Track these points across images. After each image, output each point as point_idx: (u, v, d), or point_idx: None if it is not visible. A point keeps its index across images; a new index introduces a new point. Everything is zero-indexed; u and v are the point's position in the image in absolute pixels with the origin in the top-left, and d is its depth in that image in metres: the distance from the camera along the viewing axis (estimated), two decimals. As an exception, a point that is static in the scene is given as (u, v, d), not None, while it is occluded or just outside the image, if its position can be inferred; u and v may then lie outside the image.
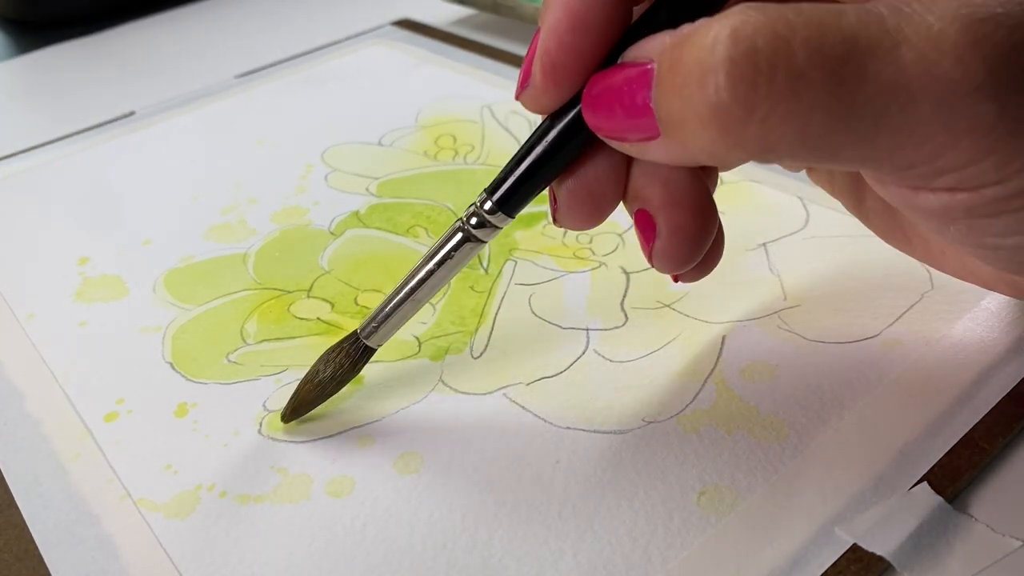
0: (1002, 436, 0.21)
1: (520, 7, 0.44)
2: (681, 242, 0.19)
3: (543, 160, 0.19)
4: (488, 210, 0.20)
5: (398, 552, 0.20)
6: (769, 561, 0.19)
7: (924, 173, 0.16)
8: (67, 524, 0.21)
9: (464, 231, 0.21)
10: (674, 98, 0.16)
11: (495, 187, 0.20)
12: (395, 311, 0.22)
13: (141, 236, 0.32)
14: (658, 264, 0.20)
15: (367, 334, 0.22)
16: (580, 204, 0.20)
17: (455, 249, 0.21)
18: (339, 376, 0.23)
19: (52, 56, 0.52)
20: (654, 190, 0.19)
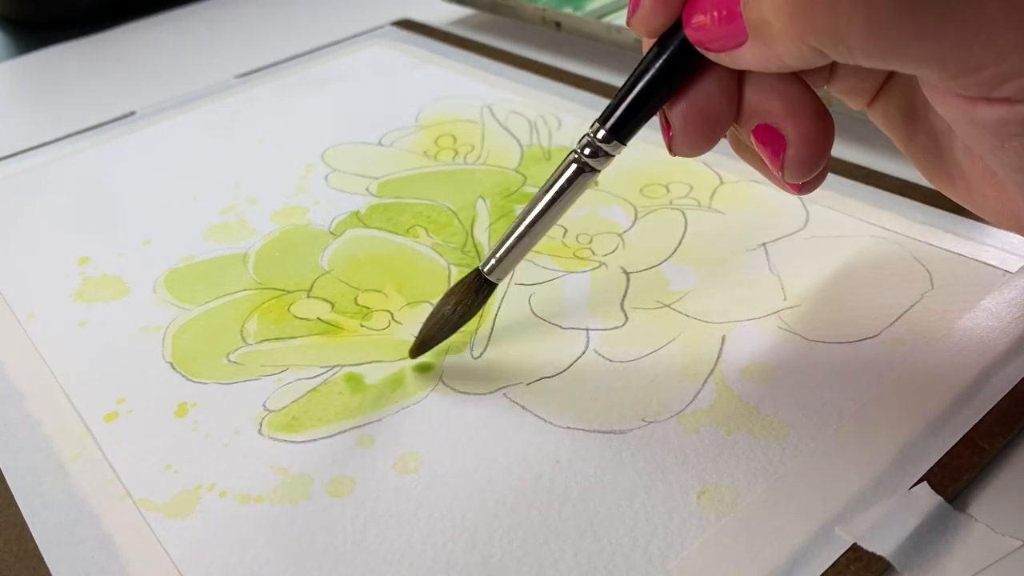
0: (1002, 436, 0.21)
1: (520, 7, 0.44)
2: (812, 146, 0.20)
3: (654, 83, 0.20)
4: (602, 138, 0.21)
5: (398, 552, 0.20)
6: (769, 561, 0.19)
7: (987, 78, 0.17)
8: (67, 524, 0.21)
9: (579, 161, 0.21)
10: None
11: (608, 115, 0.21)
12: (516, 244, 0.23)
13: (141, 236, 0.32)
14: (791, 172, 0.20)
15: (489, 269, 0.23)
16: (695, 127, 0.20)
17: (571, 181, 0.22)
18: (463, 311, 0.24)
19: (52, 56, 0.52)
20: (773, 103, 0.20)
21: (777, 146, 0.20)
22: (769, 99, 0.20)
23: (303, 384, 0.25)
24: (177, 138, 0.39)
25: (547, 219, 0.22)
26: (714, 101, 0.20)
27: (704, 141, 0.21)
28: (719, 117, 0.20)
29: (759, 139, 0.20)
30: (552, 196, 0.22)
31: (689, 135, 0.20)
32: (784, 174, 0.20)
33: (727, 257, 0.28)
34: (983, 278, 0.26)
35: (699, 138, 0.20)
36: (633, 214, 0.31)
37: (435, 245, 0.30)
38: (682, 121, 0.20)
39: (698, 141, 0.21)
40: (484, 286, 0.24)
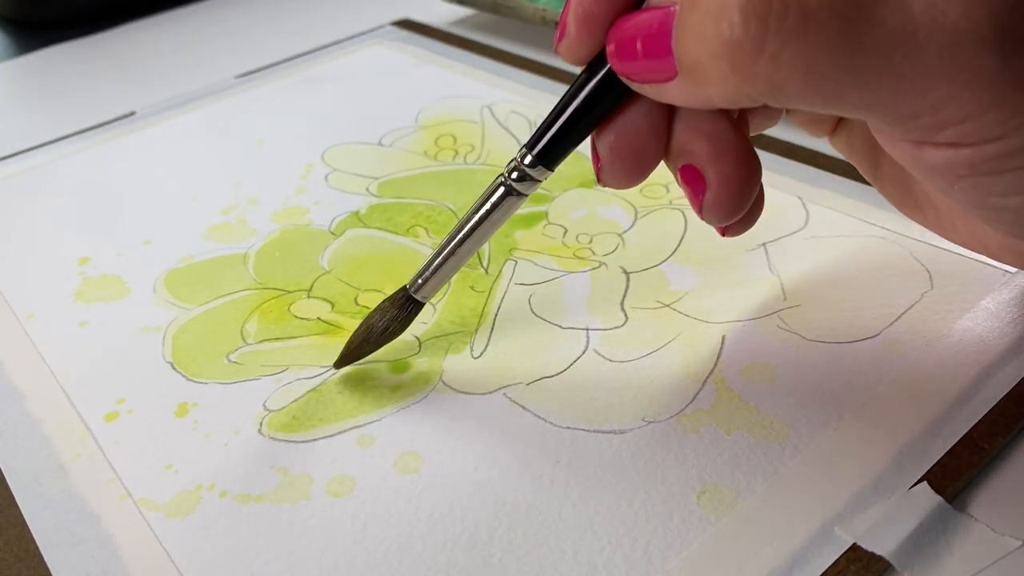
0: (1002, 436, 0.21)
1: (520, 7, 0.44)
2: (732, 192, 0.20)
3: (580, 112, 0.20)
4: (528, 164, 0.21)
5: (398, 552, 0.20)
6: (769, 561, 0.19)
7: (927, 125, 0.17)
8: (67, 524, 0.21)
9: (506, 185, 0.22)
10: (691, 37, 0.17)
11: (535, 141, 0.21)
12: (442, 265, 0.23)
13: (141, 236, 0.32)
14: (709, 216, 0.20)
15: (415, 288, 0.23)
16: (622, 160, 0.20)
17: (498, 203, 0.22)
18: (390, 329, 0.24)
19: (52, 56, 0.52)
20: (699, 144, 0.20)
21: (698, 188, 0.20)
22: (695, 141, 0.20)
23: (303, 384, 0.25)
24: (177, 138, 0.39)
25: (473, 240, 0.22)
26: (642, 136, 0.20)
27: (631, 174, 0.20)
28: (647, 152, 0.20)
29: (683, 178, 0.20)
30: (479, 218, 0.22)
31: (616, 167, 0.20)
32: (703, 216, 0.20)
33: (727, 257, 0.28)
34: (983, 278, 0.26)
35: (626, 171, 0.20)
36: (633, 214, 0.31)
37: (435, 245, 0.30)
38: (609, 153, 0.20)
39: (625, 174, 0.20)
40: (411, 304, 0.24)
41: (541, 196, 0.32)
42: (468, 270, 0.29)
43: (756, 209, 0.21)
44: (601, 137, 0.20)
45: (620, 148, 0.20)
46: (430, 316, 0.27)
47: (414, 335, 0.26)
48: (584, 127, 0.20)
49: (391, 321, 0.24)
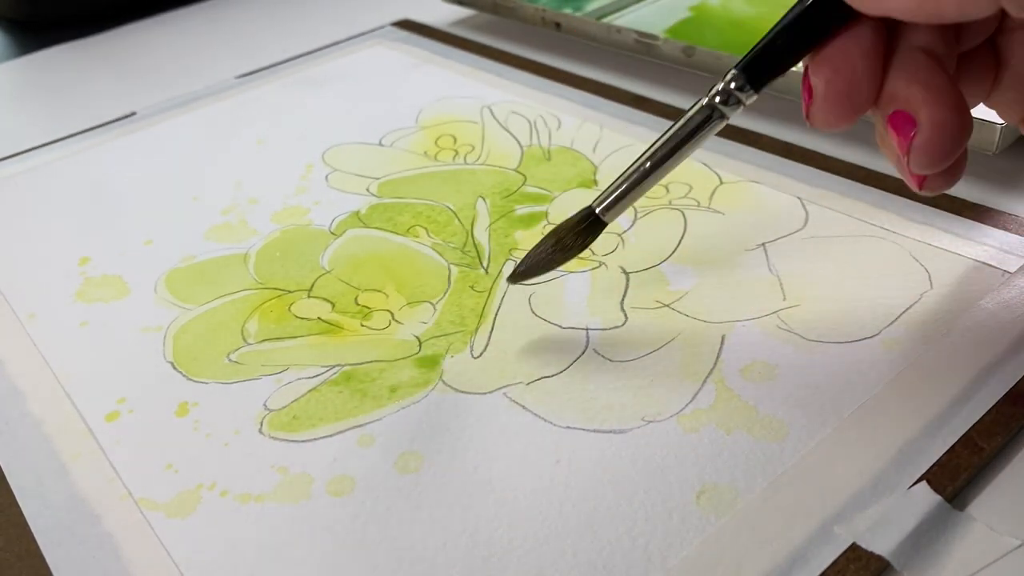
0: (1001, 436, 0.21)
1: (520, 7, 0.44)
2: (942, 136, 0.20)
3: (794, 34, 0.20)
4: (737, 86, 0.21)
5: (398, 551, 0.20)
6: (768, 560, 0.19)
7: None
8: (68, 523, 0.21)
9: (710, 106, 0.21)
10: None
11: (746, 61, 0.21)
12: (635, 187, 0.22)
13: (142, 236, 0.32)
14: (916, 158, 0.20)
15: (605, 208, 0.23)
16: (836, 96, 0.20)
17: (700, 125, 0.21)
18: (572, 245, 0.24)
19: (53, 57, 0.52)
20: (914, 89, 0.20)
21: (907, 130, 0.20)
22: (911, 86, 0.20)
23: (304, 383, 0.25)
24: (178, 138, 0.39)
25: (671, 162, 0.22)
26: (859, 76, 0.20)
27: (841, 114, 0.20)
28: (861, 92, 0.20)
29: (892, 124, 0.20)
30: (678, 141, 0.22)
31: (829, 104, 0.20)
32: (910, 161, 0.20)
33: (727, 257, 0.28)
34: (982, 278, 0.26)
35: (837, 110, 0.20)
36: (633, 214, 0.31)
37: (435, 245, 0.30)
38: (825, 88, 0.20)
39: (835, 113, 0.20)
40: (595, 224, 0.23)
41: (541, 196, 0.32)
42: (468, 270, 0.29)
43: (960, 166, 0.21)
44: (818, 71, 0.20)
45: (836, 83, 0.20)
46: (430, 316, 0.27)
47: (414, 335, 0.26)
48: (800, 48, 0.20)
49: (574, 236, 0.24)
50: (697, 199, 0.31)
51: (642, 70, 0.41)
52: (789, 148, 0.33)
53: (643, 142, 0.35)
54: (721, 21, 0.40)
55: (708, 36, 0.38)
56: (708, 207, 0.31)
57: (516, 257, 0.29)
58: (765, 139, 0.34)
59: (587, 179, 0.33)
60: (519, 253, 0.29)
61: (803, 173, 0.32)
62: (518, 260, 0.29)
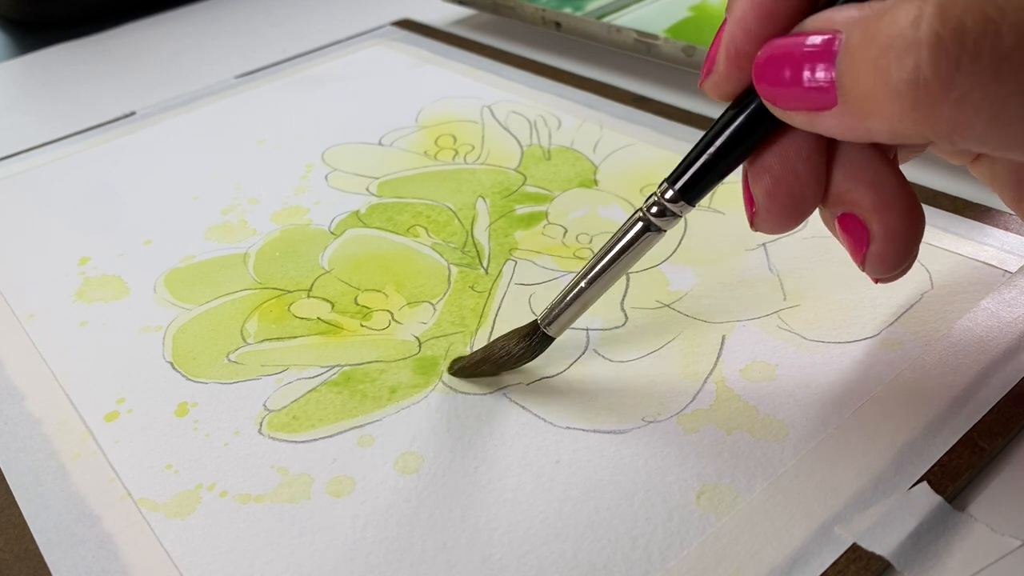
0: (1001, 436, 0.21)
1: (520, 7, 0.44)
2: (897, 246, 0.19)
3: (727, 147, 0.19)
4: (670, 199, 0.21)
5: (398, 552, 0.20)
6: (768, 560, 0.19)
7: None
8: (67, 524, 0.21)
9: (644, 220, 0.21)
10: (865, 71, 0.16)
11: (678, 176, 0.20)
12: (574, 301, 0.23)
13: (142, 236, 0.32)
14: (872, 269, 0.20)
15: (547, 324, 0.23)
16: (780, 206, 0.19)
17: (635, 239, 0.21)
18: (516, 359, 0.24)
19: (52, 56, 0.52)
20: (862, 192, 0.19)
21: (860, 239, 0.19)
22: (858, 188, 0.19)
23: (303, 384, 0.25)
24: (177, 138, 0.39)
25: (608, 276, 0.22)
26: (800, 182, 0.19)
27: (787, 221, 0.20)
28: (805, 198, 0.19)
29: (843, 228, 0.20)
30: (615, 254, 0.22)
31: (773, 213, 0.20)
32: (865, 269, 0.20)
33: (727, 257, 0.28)
34: (983, 278, 0.26)
35: (783, 218, 0.20)
36: (633, 214, 0.31)
37: (435, 245, 0.30)
38: (766, 198, 0.19)
39: (781, 220, 0.20)
40: (540, 339, 0.23)
41: (541, 196, 0.32)
42: (468, 270, 0.29)
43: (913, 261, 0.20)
44: (757, 182, 0.19)
45: (777, 193, 0.19)
46: (430, 316, 0.27)
47: (414, 335, 0.26)
48: (730, 163, 0.20)
49: (518, 350, 0.23)
50: (697, 199, 0.31)
51: (642, 70, 0.41)
52: (789, 148, 0.33)
53: (643, 142, 0.35)
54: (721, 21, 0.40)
55: (708, 36, 0.38)
56: (708, 207, 0.31)
57: (516, 257, 0.29)
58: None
59: (587, 179, 0.33)
60: (519, 253, 0.29)
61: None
62: (518, 261, 0.29)
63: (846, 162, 0.19)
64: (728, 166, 0.20)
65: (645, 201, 0.21)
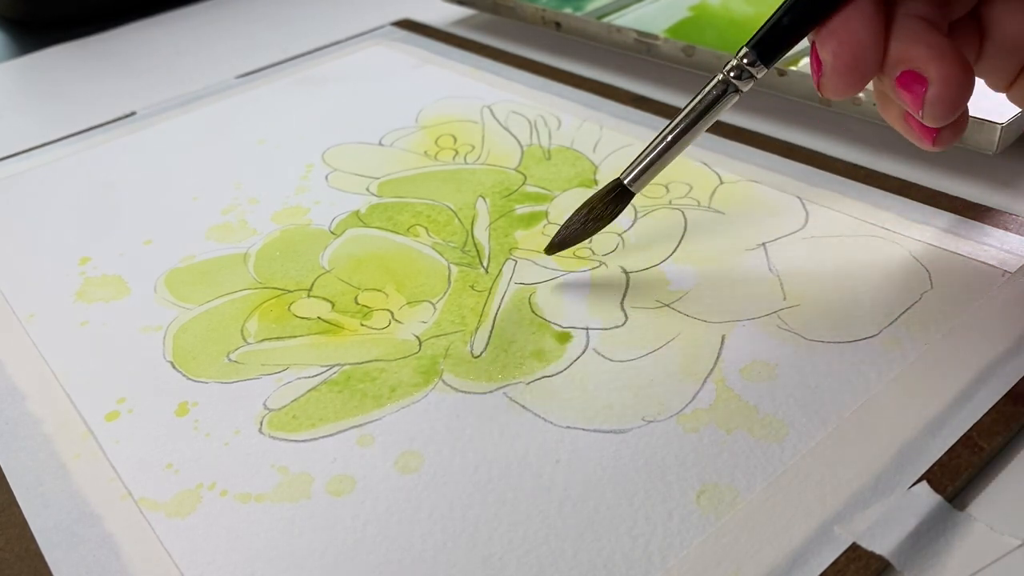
0: (1001, 435, 0.21)
1: (520, 7, 0.44)
2: (951, 88, 0.21)
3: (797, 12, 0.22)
4: (749, 62, 0.23)
5: (398, 551, 0.20)
6: (768, 560, 0.19)
7: None
8: (68, 523, 0.21)
9: (725, 81, 0.23)
10: None
11: (756, 39, 0.23)
12: (657, 159, 0.25)
13: (142, 236, 0.32)
14: (931, 113, 0.21)
15: (631, 180, 0.25)
16: (844, 66, 0.22)
17: (717, 99, 0.24)
18: (603, 215, 0.26)
19: (53, 57, 0.52)
20: (918, 49, 0.21)
21: (918, 88, 0.21)
22: (915, 47, 0.21)
23: (303, 383, 0.25)
24: (178, 138, 0.39)
25: (690, 135, 0.24)
26: (864, 44, 0.21)
27: (852, 82, 0.22)
28: (867, 59, 0.22)
29: (902, 84, 0.22)
30: (697, 114, 0.24)
31: (839, 73, 0.22)
32: (924, 115, 0.22)
33: (727, 257, 0.28)
34: (982, 278, 0.26)
35: (847, 78, 0.22)
36: (633, 214, 0.31)
37: (435, 244, 0.30)
38: (833, 60, 0.22)
39: (846, 81, 0.22)
40: (623, 194, 0.25)
41: (541, 196, 0.32)
42: (468, 270, 0.29)
43: (964, 120, 0.23)
44: (824, 45, 0.22)
45: (843, 54, 0.22)
46: (430, 316, 0.27)
47: (414, 334, 0.26)
48: (805, 24, 0.22)
49: (604, 205, 0.26)
50: (697, 199, 0.31)
51: (642, 70, 0.41)
52: (790, 148, 0.33)
53: (643, 142, 0.35)
54: (721, 21, 0.40)
55: (708, 36, 0.38)
56: (708, 207, 0.31)
57: (516, 257, 0.29)
58: (765, 139, 0.34)
59: (587, 179, 0.33)
60: (519, 253, 0.29)
61: (803, 173, 0.32)
62: (518, 260, 0.29)
63: (902, 29, 0.22)
64: (801, 29, 0.22)
65: (723, 66, 0.24)
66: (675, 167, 0.33)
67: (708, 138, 0.34)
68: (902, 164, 0.32)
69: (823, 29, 0.22)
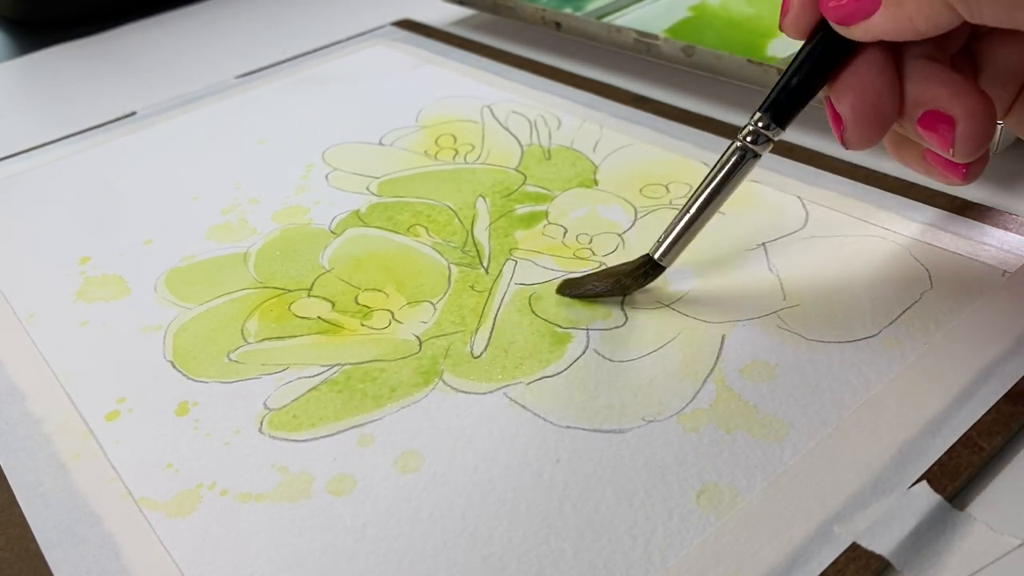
0: (1001, 435, 0.21)
1: (520, 7, 0.44)
2: (978, 122, 0.21)
3: (810, 72, 0.23)
4: (764, 126, 0.23)
5: (399, 551, 0.20)
6: (768, 560, 0.19)
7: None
8: (68, 523, 0.21)
9: (742, 148, 0.24)
10: None
11: (768, 104, 0.23)
12: (685, 231, 0.25)
13: (142, 236, 0.32)
14: (961, 150, 0.21)
15: (660, 255, 0.25)
16: (865, 118, 0.22)
17: (737, 166, 0.24)
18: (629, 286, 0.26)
19: (53, 57, 0.52)
20: (936, 89, 0.21)
21: (946, 127, 0.21)
22: (932, 87, 0.21)
23: (304, 383, 0.25)
24: (178, 138, 0.39)
25: (715, 205, 0.24)
26: (880, 93, 0.22)
27: (874, 131, 0.22)
28: (886, 108, 0.22)
29: (925, 126, 0.22)
30: (718, 183, 0.24)
31: (860, 125, 0.22)
32: (955, 153, 0.22)
33: (727, 257, 0.28)
34: (982, 278, 0.26)
35: (869, 129, 0.22)
36: (633, 214, 0.31)
37: (435, 244, 0.30)
38: (852, 113, 0.22)
39: (868, 132, 0.22)
40: (652, 268, 0.26)
41: (541, 196, 0.32)
42: (468, 270, 0.29)
43: (987, 154, 0.23)
44: (841, 100, 0.22)
45: (862, 107, 0.22)
46: (430, 316, 0.27)
47: (414, 334, 0.26)
48: (813, 85, 0.23)
49: (630, 281, 0.26)
50: (697, 199, 0.31)
51: (642, 70, 0.41)
52: (790, 148, 0.33)
53: (643, 142, 0.35)
54: (721, 21, 0.40)
55: (708, 36, 0.38)
56: (708, 207, 0.31)
57: (516, 257, 0.29)
58: (765, 139, 0.34)
59: (587, 178, 0.33)
60: (519, 253, 0.29)
61: (803, 173, 0.32)
62: (519, 260, 0.29)
63: (915, 72, 0.22)
64: (811, 88, 0.23)
65: (739, 132, 0.24)
66: (675, 167, 0.33)
67: (708, 138, 0.34)
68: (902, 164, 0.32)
69: (836, 84, 0.22)
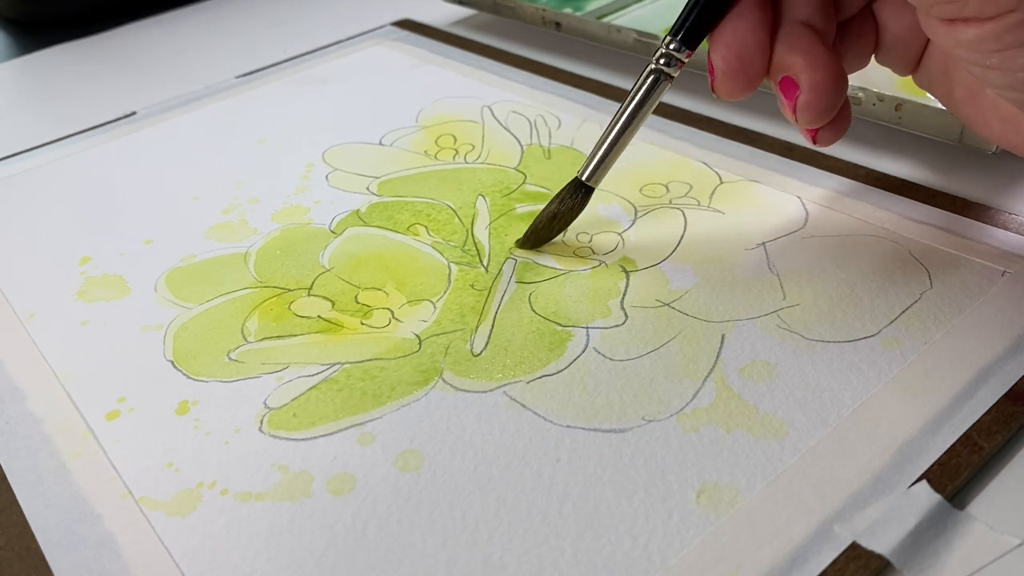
0: (1001, 434, 0.21)
1: (520, 7, 0.44)
2: (819, 95, 0.23)
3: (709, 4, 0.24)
4: (675, 48, 0.25)
5: (398, 550, 0.20)
6: (768, 559, 0.19)
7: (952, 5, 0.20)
8: (69, 523, 0.21)
9: (656, 71, 0.26)
10: None
11: (678, 29, 0.25)
12: (608, 153, 0.27)
13: (142, 236, 0.32)
14: (801, 115, 0.24)
15: (587, 176, 0.27)
16: (734, 72, 0.24)
17: (652, 89, 0.26)
18: (568, 213, 0.28)
19: (53, 57, 0.52)
20: (795, 58, 0.23)
21: (792, 94, 0.24)
22: (792, 55, 0.23)
23: (304, 382, 0.25)
24: (178, 138, 0.39)
25: (634, 124, 0.26)
26: (751, 51, 0.24)
27: (740, 86, 0.24)
28: (754, 65, 0.24)
29: (781, 88, 0.24)
30: (636, 105, 0.26)
31: (728, 78, 0.24)
32: (797, 117, 0.24)
33: (727, 256, 0.28)
34: (982, 278, 0.26)
35: (736, 83, 0.24)
36: (633, 213, 0.31)
37: (435, 243, 0.30)
38: (723, 65, 0.24)
39: (735, 86, 0.24)
40: (584, 191, 0.28)
41: (541, 195, 0.32)
42: (468, 269, 0.29)
43: (843, 121, 0.25)
44: (716, 50, 0.24)
45: (731, 59, 0.24)
46: (430, 314, 0.27)
47: (414, 333, 0.26)
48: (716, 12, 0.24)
49: (567, 206, 0.28)
50: (697, 198, 0.31)
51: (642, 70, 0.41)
52: (789, 148, 0.33)
53: (641, 140, 0.35)
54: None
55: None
56: (708, 206, 0.31)
57: (516, 256, 0.29)
58: (765, 139, 0.34)
59: (587, 179, 0.33)
60: (519, 252, 0.29)
61: (803, 173, 0.32)
62: (519, 259, 0.29)
63: (785, 37, 0.24)
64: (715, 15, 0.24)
65: (652, 55, 0.26)
66: (675, 166, 0.33)
67: (708, 138, 0.34)
68: (902, 164, 0.32)
69: (714, 36, 0.24)
